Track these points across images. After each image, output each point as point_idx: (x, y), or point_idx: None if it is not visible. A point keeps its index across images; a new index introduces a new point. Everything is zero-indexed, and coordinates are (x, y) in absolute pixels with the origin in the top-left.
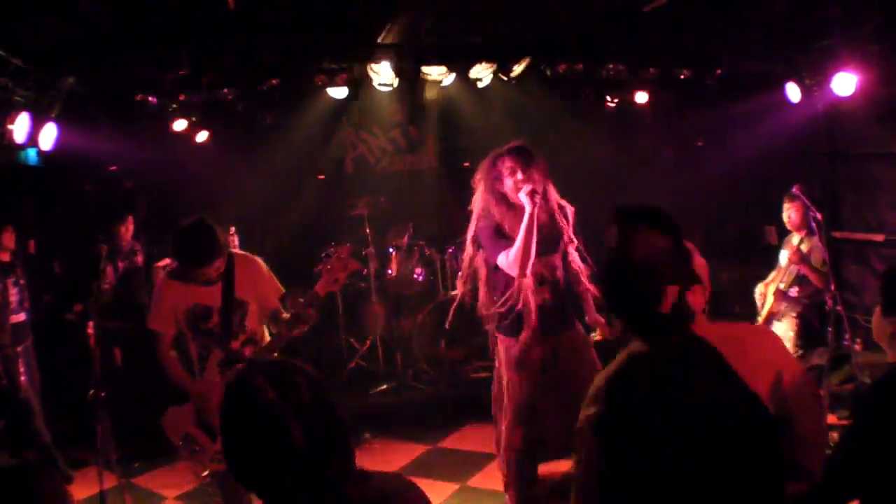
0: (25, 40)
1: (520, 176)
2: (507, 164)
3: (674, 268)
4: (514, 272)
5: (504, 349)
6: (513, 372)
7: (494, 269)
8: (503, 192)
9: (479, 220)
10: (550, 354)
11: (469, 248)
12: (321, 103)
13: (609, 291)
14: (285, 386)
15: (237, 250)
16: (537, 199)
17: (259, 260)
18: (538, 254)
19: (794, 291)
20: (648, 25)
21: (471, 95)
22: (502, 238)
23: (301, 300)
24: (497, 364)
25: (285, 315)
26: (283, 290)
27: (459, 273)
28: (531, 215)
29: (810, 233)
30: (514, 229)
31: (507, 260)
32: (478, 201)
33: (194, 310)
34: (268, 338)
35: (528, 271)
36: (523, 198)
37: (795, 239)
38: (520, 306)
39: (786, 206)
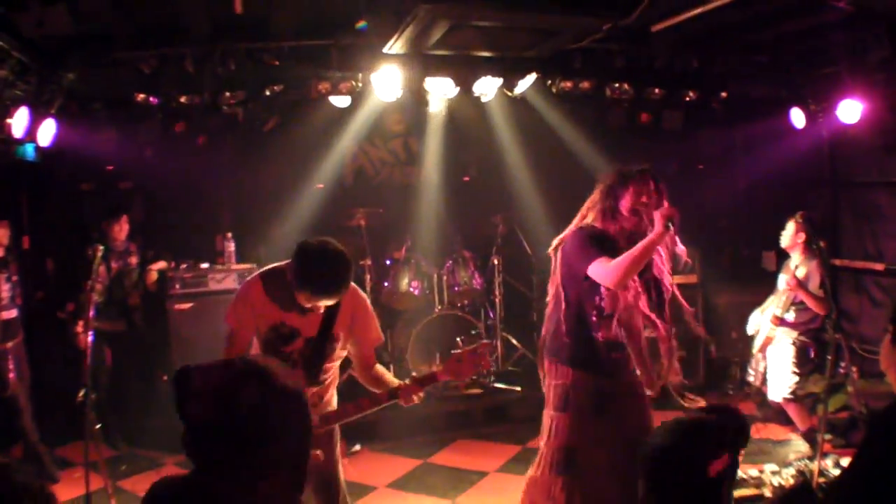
0: (28, 34)
1: (648, 199)
2: (638, 184)
3: None
4: (609, 280)
5: (553, 381)
6: (559, 411)
7: (584, 280)
8: (618, 208)
9: (577, 230)
10: (608, 396)
11: (554, 258)
12: (323, 112)
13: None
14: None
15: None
16: (672, 228)
17: (367, 299)
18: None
19: (791, 317)
20: (655, 46)
21: (474, 109)
22: (596, 247)
23: (416, 376)
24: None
25: (379, 370)
26: (382, 340)
27: (460, 291)
28: (658, 235)
29: (809, 257)
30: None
31: (604, 266)
32: (584, 215)
33: (280, 328)
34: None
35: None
36: (657, 217)
37: (793, 263)
38: (603, 335)
39: (787, 224)
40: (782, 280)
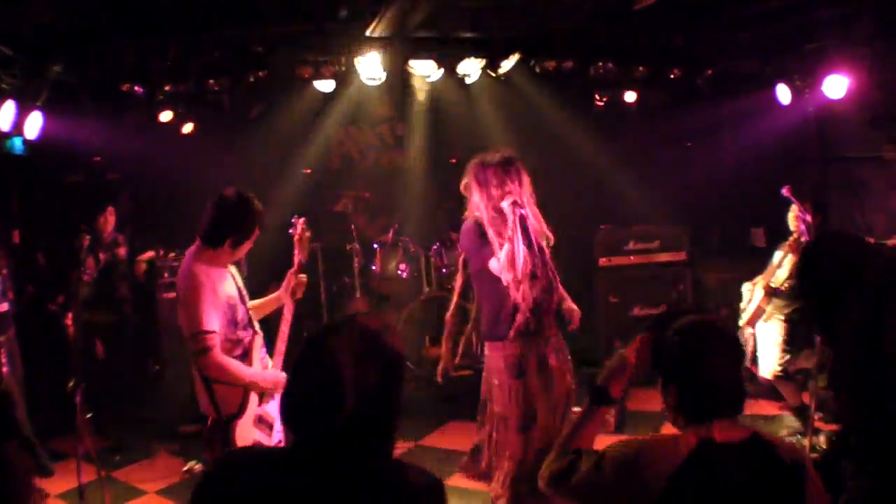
0: (12, 27)
1: (504, 188)
2: (492, 174)
3: None
4: (506, 276)
5: (499, 355)
6: (513, 379)
7: (481, 272)
8: (492, 196)
9: (465, 225)
10: (543, 355)
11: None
12: (308, 96)
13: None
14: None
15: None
16: (518, 210)
17: None
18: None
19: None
20: (639, 24)
21: (458, 91)
22: (486, 242)
23: (291, 271)
24: (487, 370)
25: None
26: None
27: (448, 273)
28: (514, 224)
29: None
30: (499, 234)
31: (497, 265)
32: (469, 205)
33: (230, 300)
34: None
35: (521, 272)
36: (506, 208)
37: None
38: (513, 304)
39: (792, 207)
40: (778, 256)
